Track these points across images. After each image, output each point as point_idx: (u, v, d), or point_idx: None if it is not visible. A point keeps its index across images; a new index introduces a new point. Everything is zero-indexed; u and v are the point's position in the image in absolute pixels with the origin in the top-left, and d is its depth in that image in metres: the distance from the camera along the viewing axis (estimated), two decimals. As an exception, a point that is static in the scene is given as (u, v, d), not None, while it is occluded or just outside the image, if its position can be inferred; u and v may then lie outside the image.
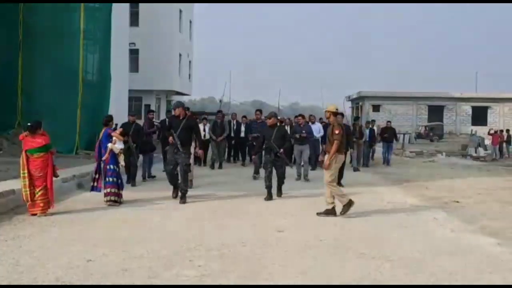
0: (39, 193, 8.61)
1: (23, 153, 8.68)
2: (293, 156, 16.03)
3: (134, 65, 33.55)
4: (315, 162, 16.32)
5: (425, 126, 45.65)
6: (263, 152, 11.51)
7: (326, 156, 9.17)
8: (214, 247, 6.66)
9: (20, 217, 8.44)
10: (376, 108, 47.82)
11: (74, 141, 18.89)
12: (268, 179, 10.73)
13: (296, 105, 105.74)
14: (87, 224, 8.09)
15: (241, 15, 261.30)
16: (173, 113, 10.77)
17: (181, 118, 10.24)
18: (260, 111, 17.50)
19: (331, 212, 8.99)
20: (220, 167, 17.26)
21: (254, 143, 15.90)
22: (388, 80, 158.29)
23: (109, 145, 9.94)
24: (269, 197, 10.65)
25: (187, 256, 6.23)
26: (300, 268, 5.91)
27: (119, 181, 10.05)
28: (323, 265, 6.05)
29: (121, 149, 10.12)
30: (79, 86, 19.53)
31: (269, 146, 10.84)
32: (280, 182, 11.07)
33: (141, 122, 17.09)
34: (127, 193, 11.19)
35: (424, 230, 8.23)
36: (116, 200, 9.84)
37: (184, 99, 48.28)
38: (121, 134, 10.36)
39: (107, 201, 9.75)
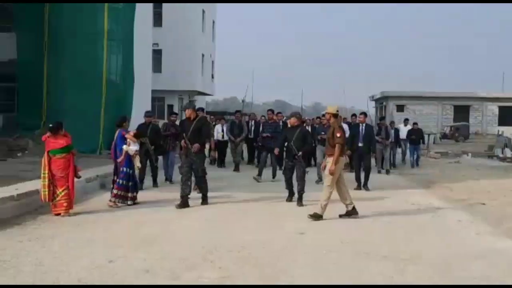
0: (63, 193, 8.70)
1: (45, 153, 8.78)
2: (312, 159, 15.80)
3: (157, 66, 33.76)
4: None
5: (451, 127, 45.07)
6: (284, 155, 11.09)
7: (328, 160, 8.87)
8: (234, 249, 6.63)
9: (44, 217, 8.53)
10: (400, 108, 47.34)
11: (98, 141, 19.03)
12: (288, 183, 10.49)
13: (319, 105, 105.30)
14: (110, 224, 8.14)
15: (264, 14, 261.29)
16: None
17: (191, 119, 9.94)
18: (272, 111, 16.62)
19: (352, 212, 8.89)
20: (237, 169, 16.62)
21: (261, 144, 15.67)
22: (413, 80, 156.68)
23: (124, 147, 9.86)
24: (290, 198, 10.47)
25: (208, 258, 6.21)
26: (322, 271, 5.86)
27: (130, 183, 9.96)
28: (344, 269, 5.99)
29: (136, 150, 10.01)
30: (102, 86, 19.69)
31: (289, 147, 10.43)
32: (301, 188, 10.33)
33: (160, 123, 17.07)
34: (149, 193, 11.28)
35: (448, 232, 8.11)
36: (120, 202, 9.75)
37: (206, 99, 48.58)
38: (136, 136, 10.19)
39: (111, 202, 9.71)
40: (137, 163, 10.07)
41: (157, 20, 33.33)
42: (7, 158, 16.82)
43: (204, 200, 10.05)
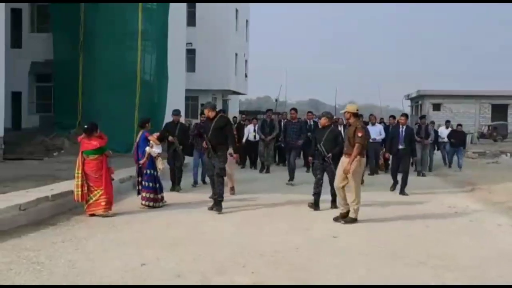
0: (100, 193, 8.75)
1: (80, 154, 8.86)
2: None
3: (190, 65, 33.94)
4: (375, 167, 15.78)
5: (489, 126, 44.05)
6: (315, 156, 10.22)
7: (344, 160, 8.72)
8: (267, 252, 6.54)
9: (78, 218, 8.60)
10: (436, 107, 46.46)
11: (132, 141, 19.12)
12: (317, 185, 9.73)
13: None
14: (142, 226, 8.14)
15: (297, 13, 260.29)
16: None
17: (211, 118, 9.55)
18: (295, 109, 15.32)
19: (343, 216, 8.65)
20: (267, 170, 16.18)
21: (283, 145, 15.13)
22: (449, 78, 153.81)
23: (147, 149, 9.76)
24: (315, 206, 9.65)
25: (240, 262, 6.13)
26: (356, 276, 5.72)
27: (157, 185, 9.91)
28: (379, 274, 5.83)
29: (158, 153, 9.90)
30: (136, 86, 19.86)
31: (318, 149, 9.76)
32: (334, 191, 9.65)
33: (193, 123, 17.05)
34: (181, 195, 11.28)
35: (487, 237, 7.87)
36: (152, 205, 9.75)
37: (240, 98, 48.58)
38: (159, 138, 10.08)
39: (143, 205, 9.70)
40: (159, 165, 9.96)
41: (191, 19, 33.47)
42: (44, 158, 17.10)
43: (217, 205, 9.33)
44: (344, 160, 8.73)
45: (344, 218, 8.59)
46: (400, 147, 12.42)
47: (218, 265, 5.98)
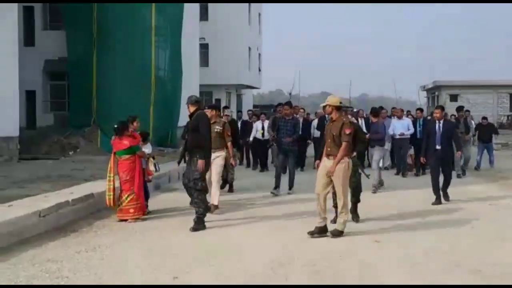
0: (129, 199, 8.27)
1: (112, 155, 8.39)
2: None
3: (204, 60, 33.45)
4: (403, 167, 14.23)
5: (508, 116, 43.19)
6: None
7: (327, 162, 7.33)
8: (308, 262, 6.01)
9: (100, 223, 8.14)
10: (453, 98, 45.45)
11: (148, 138, 18.74)
12: (335, 195, 7.64)
13: (365, 95, 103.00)
14: (169, 232, 7.61)
15: (308, 6, 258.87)
16: None
17: (190, 116, 8.16)
18: (289, 104, 12.07)
19: (321, 230, 7.31)
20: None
21: (274, 144, 11.98)
22: (464, 68, 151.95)
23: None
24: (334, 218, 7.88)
25: (281, 273, 5.60)
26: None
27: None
28: (437, 282, 5.31)
29: (148, 153, 8.93)
30: (151, 82, 19.49)
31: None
32: (356, 199, 8.35)
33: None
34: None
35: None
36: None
37: (253, 92, 48.06)
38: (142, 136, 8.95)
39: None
40: (151, 166, 8.97)
41: (203, 14, 32.94)
42: (59, 157, 16.75)
43: (195, 225, 7.60)
44: (327, 163, 7.38)
45: (321, 233, 7.25)
46: (438, 147, 10.08)
47: (259, 278, 5.45)
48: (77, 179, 11.30)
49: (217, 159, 9.05)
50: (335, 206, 7.68)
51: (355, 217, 8.31)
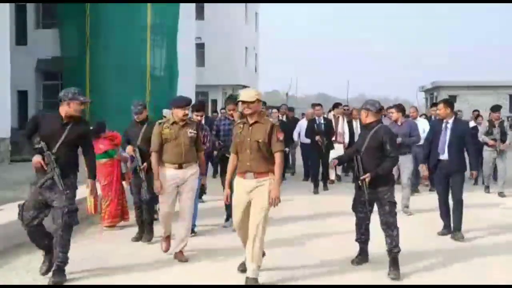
0: (107, 203, 7.83)
1: None
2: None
3: (200, 60, 33.12)
4: (415, 181, 11.19)
5: (508, 117, 42.96)
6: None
7: (245, 182, 5.32)
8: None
9: (92, 230, 7.78)
10: (452, 99, 45.41)
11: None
12: (360, 232, 6.03)
13: (363, 96, 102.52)
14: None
15: (306, 6, 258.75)
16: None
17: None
18: (234, 101, 7.76)
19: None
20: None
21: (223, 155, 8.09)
22: (461, 68, 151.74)
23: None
24: (358, 259, 6.06)
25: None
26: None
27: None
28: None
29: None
30: (146, 82, 19.20)
31: (355, 161, 5.86)
32: (391, 241, 5.67)
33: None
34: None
35: None
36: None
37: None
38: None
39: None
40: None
41: (200, 13, 32.61)
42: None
43: (56, 275, 5.24)
44: (245, 183, 5.27)
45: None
46: (442, 157, 7.39)
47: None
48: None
49: (190, 179, 6.23)
50: (360, 240, 6.06)
51: (393, 272, 5.60)
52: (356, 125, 13.41)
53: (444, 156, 7.35)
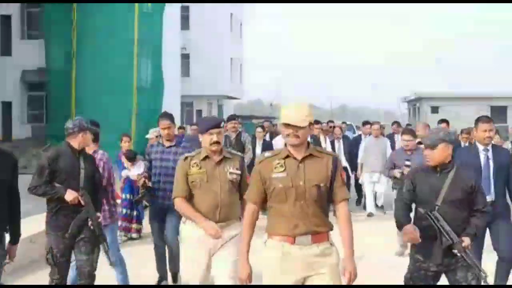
0: None
1: None
2: None
3: (185, 70, 33.14)
4: None
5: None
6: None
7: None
8: None
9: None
10: (434, 110, 45.80)
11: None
12: None
13: (345, 107, 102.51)
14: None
15: (291, 13, 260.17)
16: None
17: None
18: (169, 117, 6.20)
19: None
20: None
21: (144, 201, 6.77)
22: (445, 79, 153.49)
23: (123, 173, 8.23)
24: None
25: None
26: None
27: (135, 213, 8.52)
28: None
29: (138, 174, 6.82)
30: (133, 93, 19.13)
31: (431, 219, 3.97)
32: None
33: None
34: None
35: None
36: (129, 237, 8.43)
37: (233, 103, 47.78)
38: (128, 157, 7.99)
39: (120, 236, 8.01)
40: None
41: (184, 23, 32.67)
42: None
43: None
44: (297, 252, 3.39)
45: None
46: (489, 198, 4.95)
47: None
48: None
49: (234, 239, 4.20)
50: None
51: None
52: (338, 145, 11.21)
53: (490, 197, 5.07)
